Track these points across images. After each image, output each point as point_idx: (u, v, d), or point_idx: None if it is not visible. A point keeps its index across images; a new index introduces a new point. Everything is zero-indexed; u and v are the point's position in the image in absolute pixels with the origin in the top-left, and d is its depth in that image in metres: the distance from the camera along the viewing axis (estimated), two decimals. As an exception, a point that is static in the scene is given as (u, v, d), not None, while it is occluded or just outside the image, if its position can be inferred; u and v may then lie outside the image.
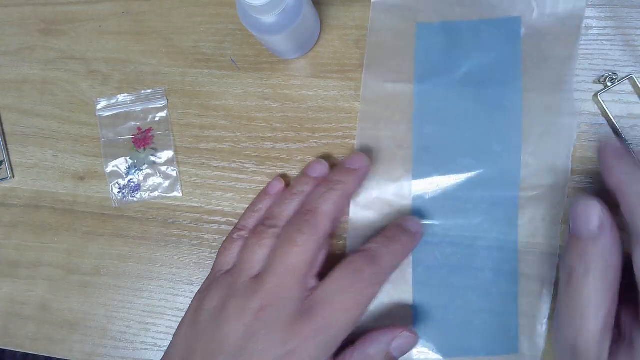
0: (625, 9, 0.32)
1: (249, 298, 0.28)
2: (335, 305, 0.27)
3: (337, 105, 0.35)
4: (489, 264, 0.31)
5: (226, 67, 0.36)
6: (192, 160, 0.36)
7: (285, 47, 0.32)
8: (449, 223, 0.32)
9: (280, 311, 0.27)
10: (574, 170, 0.32)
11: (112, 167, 0.37)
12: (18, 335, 0.37)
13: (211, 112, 0.36)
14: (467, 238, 0.32)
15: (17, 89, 0.39)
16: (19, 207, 0.38)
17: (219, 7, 0.37)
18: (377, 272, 0.28)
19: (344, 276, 0.28)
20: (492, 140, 0.32)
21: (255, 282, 0.28)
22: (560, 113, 0.32)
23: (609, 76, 0.31)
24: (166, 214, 0.36)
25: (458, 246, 0.32)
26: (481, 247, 0.32)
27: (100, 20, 0.38)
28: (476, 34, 0.33)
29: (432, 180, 0.32)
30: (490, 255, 0.31)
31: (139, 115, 0.37)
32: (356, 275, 0.28)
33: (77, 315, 0.36)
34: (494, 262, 0.31)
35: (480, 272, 0.31)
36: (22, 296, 0.37)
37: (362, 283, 0.28)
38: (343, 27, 0.35)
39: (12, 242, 0.38)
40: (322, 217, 0.29)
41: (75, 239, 0.37)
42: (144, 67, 0.37)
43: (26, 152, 0.38)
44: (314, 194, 0.30)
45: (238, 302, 0.28)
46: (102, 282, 0.36)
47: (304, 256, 0.28)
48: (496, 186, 0.32)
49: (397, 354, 0.29)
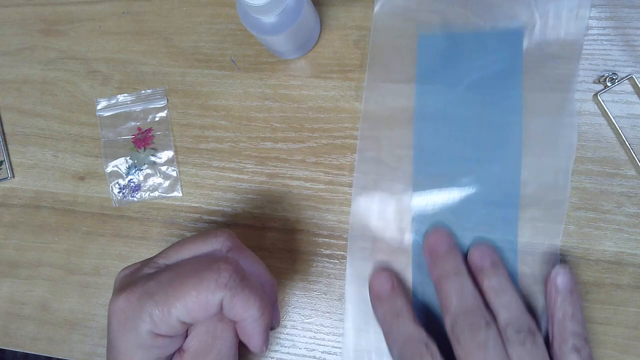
0: (626, 9, 0.32)
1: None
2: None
3: (337, 105, 0.35)
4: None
5: (226, 67, 0.36)
6: (192, 160, 0.36)
7: (285, 47, 0.32)
8: (450, 229, 0.32)
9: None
10: (572, 171, 0.32)
11: (112, 167, 0.37)
12: (18, 335, 0.37)
13: (211, 112, 0.36)
14: (467, 238, 0.32)
15: (17, 89, 0.39)
16: (19, 207, 0.38)
17: (219, 7, 0.37)
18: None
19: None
20: (493, 146, 0.32)
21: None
22: (561, 114, 0.32)
23: (609, 76, 0.31)
24: (166, 214, 0.36)
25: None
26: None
27: (100, 20, 0.38)
28: (478, 46, 0.33)
29: (432, 192, 0.32)
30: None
31: (139, 115, 0.37)
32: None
33: (77, 315, 0.36)
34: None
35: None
36: (22, 296, 0.37)
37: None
38: (343, 27, 0.35)
39: (12, 242, 0.38)
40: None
41: (75, 239, 0.37)
42: (144, 67, 0.37)
43: (26, 152, 0.38)
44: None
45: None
46: (102, 282, 0.36)
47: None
48: (496, 194, 0.32)
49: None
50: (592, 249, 0.31)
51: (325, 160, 0.34)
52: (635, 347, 0.31)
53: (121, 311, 0.24)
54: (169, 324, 0.23)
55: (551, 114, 0.32)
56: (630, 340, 0.31)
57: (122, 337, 0.24)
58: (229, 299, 0.24)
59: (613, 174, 0.32)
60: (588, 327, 0.31)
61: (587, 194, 0.32)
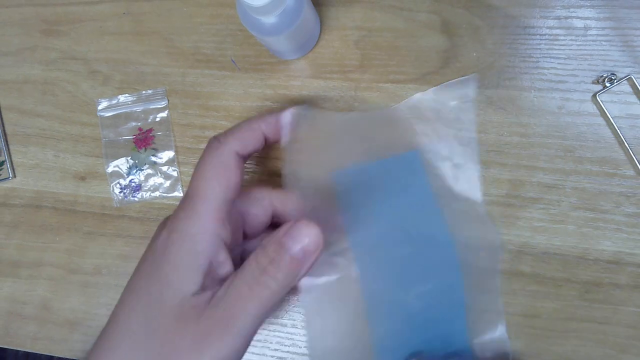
0: (625, 10, 0.32)
1: None
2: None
3: (337, 105, 0.35)
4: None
5: (226, 67, 0.36)
6: (193, 161, 0.36)
7: (286, 47, 0.33)
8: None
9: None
10: (571, 171, 0.32)
11: (113, 167, 0.37)
12: (19, 335, 0.37)
13: (212, 112, 0.36)
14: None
15: (18, 90, 0.39)
16: (20, 207, 0.38)
17: (219, 8, 0.37)
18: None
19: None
20: (427, 268, 0.32)
21: None
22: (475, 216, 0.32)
23: (608, 76, 0.32)
24: (167, 213, 0.36)
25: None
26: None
27: (101, 20, 0.38)
28: (385, 172, 0.33)
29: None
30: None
31: (139, 116, 0.37)
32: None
33: (78, 314, 0.37)
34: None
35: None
36: (24, 296, 0.37)
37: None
38: (343, 27, 0.35)
39: (13, 242, 0.38)
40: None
41: (76, 239, 0.37)
42: (144, 68, 0.37)
43: (27, 152, 0.39)
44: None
45: None
46: (103, 282, 0.37)
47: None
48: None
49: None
50: (590, 248, 0.32)
51: (325, 161, 0.34)
52: (634, 347, 0.31)
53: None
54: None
55: (471, 225, 0.32)
56: (629, 340, 0.31)
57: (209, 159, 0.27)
58: (238, 145, 0.27)
59: (612, 174, 0.32)
60: (588, 327, 0.31)
61: (585, 194, 0.32)
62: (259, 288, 0.24)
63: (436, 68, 0.34)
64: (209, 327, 0.24)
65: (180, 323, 0.24)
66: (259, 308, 0.24)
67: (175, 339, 0.24)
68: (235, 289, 0.24)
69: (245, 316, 0.24)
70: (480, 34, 0.34)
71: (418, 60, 0.34)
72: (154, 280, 0.25)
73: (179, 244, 0.25)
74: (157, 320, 0.24)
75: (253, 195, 0.29)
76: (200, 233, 0.25)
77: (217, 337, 0.23)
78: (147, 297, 0.25)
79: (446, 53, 0.34)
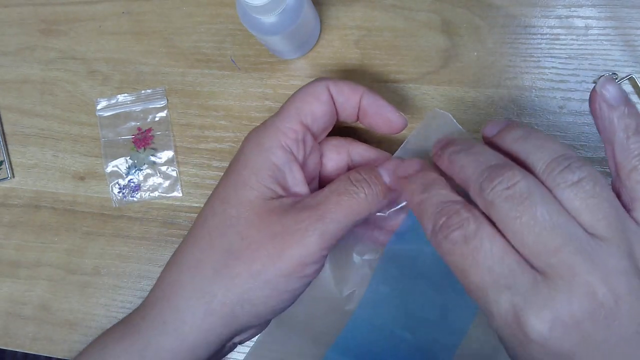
0: (625, 9, 0.32)
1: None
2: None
3: (337, 105, 0.35)
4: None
5: (226, 67, 0.36)
6: (192, 160, 0.36)
7: (285, 47, 0.32)
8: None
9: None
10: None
11: (112, 167, 0.37)
12: (18, 335, 0.37)
13: (211, 112, 0.36)
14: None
15: (17, 89, 0.39)
16: (19, 207, 0.38)
17: (219, 7, 0.37)
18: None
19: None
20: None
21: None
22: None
23: (609, 76, 0.31)
24: (166, 214, 0.36)
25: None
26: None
27: (100, 20, 0.38)
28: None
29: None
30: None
31: (139, 116, 0.37)
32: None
33: (77, 315, 0.36)
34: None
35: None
36: (23, 296, 0.37)
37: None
38: (343, 27, 0.35)
39: (12, 242, 0.38)
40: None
41: (75, 239, 0.37)
42: (144, 67, 0.37)
43: (26, 152, 0.38)
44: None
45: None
46: (102, 282, 0.36)
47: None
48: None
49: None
50: (592, 249, 0.31)
51: (325, 160, 0.34)
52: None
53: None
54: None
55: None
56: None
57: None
58: (334, 84, 0.27)
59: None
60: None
61: (587, 194, 0.32)
62: (347, 197, 0.25)
63: (436, 68, 0.34)
64: (292, 226, 0.25)
65: (261, 218, 0.25)
66: (346, 215, 0.25)
67: (255, 233, 0.25)
68: (323, 196, 0.26)
69: (330, 220, 0.25)
70: (480, 33, 0.34)
71: (418, 59, 0.34)
72: (232, 182, 0.27)
73: (257, 153, 0.26)
74: (236, 214, 0.25)
75: (332, 142, 0.30)
76: (274, 147, 0.26)
77: (299, 236, 0.24)
78: (224, 194, 0.27)
79: (446, 52, 0.34)
